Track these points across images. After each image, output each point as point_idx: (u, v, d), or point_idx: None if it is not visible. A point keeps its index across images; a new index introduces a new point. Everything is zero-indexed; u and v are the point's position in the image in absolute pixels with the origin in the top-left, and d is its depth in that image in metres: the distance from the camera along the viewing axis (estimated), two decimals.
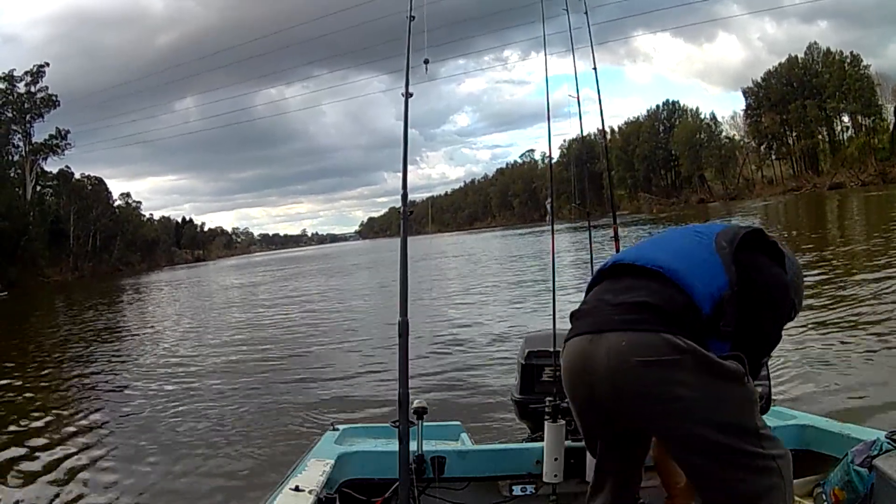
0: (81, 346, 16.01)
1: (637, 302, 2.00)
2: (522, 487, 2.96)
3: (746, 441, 1.93)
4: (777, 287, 2.08)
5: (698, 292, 1.97)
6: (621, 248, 3.02)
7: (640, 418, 2.02)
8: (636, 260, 2.11)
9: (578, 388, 2.10)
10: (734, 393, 1.95)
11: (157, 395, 9.41)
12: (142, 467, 6.38)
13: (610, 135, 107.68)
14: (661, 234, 2.38)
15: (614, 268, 2.19)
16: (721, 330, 1.98)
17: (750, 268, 2.04)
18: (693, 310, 1.95)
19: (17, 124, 70.18)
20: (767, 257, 2.11)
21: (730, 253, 2.04)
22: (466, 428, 3.57)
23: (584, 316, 2.13)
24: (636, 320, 1.96)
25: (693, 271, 2.01)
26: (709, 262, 2.03)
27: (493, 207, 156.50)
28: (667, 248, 2.15)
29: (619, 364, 1.94)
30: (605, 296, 2.12)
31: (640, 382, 1.93)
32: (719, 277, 1.99)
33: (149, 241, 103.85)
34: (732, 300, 1.98)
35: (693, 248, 2.09)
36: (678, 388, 1.90)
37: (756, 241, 2.11)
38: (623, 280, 2.12)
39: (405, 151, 2.88)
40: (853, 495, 2.41)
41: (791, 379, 6.41)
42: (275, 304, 22.83)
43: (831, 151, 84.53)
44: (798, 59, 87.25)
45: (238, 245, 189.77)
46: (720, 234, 2.11)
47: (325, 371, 9.95)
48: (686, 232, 2.22)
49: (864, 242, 19.57)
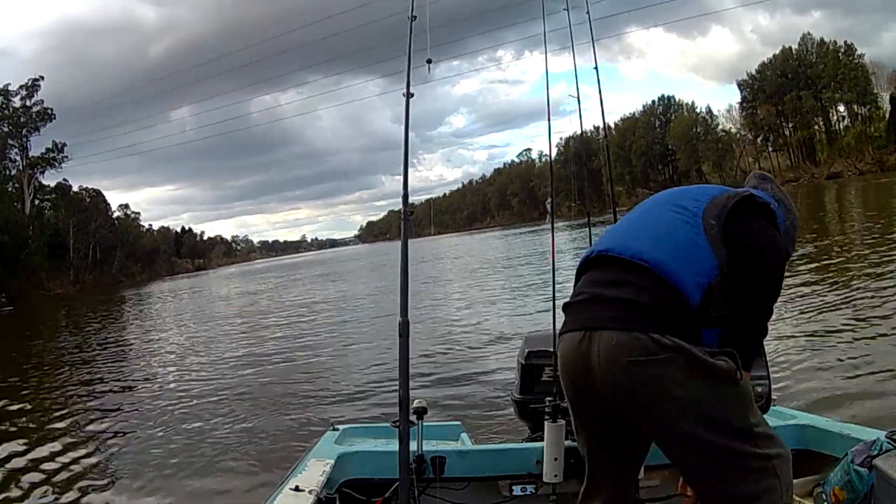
0: (87, 352, 16.22)
1: (625, 300, 1.97)
2: (522, 487, 2.96)
3: (741, 441, 1.92)
4: (771, 253, 2.02)
5: (686, 284, 1.93)
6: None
7: (634, 416, 2.01)
8: (622, 252, 2.06)
9: (574, 385, 2.10)
10: (726, 391, 1.93)
11: (159, 398, 9.51)
12: (142, 467, 6.43)
13: (607, 132, 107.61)
14: (644, 210, 2.25)
15: (601, 258, 2.14)
16: (711, 316, 1.94)
17: (740, 234, 1.99)
18: (682, 304, 1.92)
19: (13, 138, 70.11)
20: (759, 219, 2.07)
21: (719, 231, 1.99)
22: (466, 428, 3.57)
23: (576, 311, 2.12)
24: (625, 318, 1.94)
25: (679, 261, 1.96)
26: (696, 246, 1.98)
27: (491, 207, 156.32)
28: (650, 234, 2.07)
29: (610, 363, 1.94)
30: (595, 289, 2.09)
31: (632, 381, 1.92)
32: (707, 262, 1.95)
33: (149, 251, 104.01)
34: (723, 283, 1.94)
35: (678, 232, 2.03)
36: (669, 387, 1.89)
37: (747, 207, 2.07)
38: (610, 270, 2.08)
39: (406, 152, 2.86)
40: (853, 495, 2.40)
41: (791, 379, 6.39)
42: (276, 309, 22.85)
43: (828, 141, 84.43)
44: (792, 51, 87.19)
45: (238, 253, 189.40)
46: (708, 209, 2.04)
47: (326, 372, 9.99)
48: (670, 206, 2.12)
49: (863, 232, 19.52)
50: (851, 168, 74.47)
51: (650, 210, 2.22)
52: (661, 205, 2.19)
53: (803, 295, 10.70)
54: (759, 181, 2.35)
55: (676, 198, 2.16)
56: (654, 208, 2.21)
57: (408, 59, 2.99)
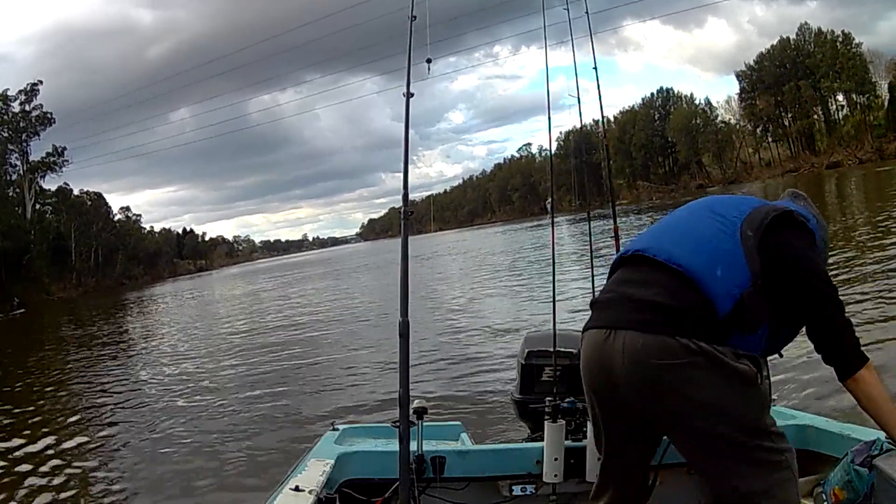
0: (91, 356, 16.29)
1: (654, 302, 1.99)
2: (522, 487, 2.96)
3: (760, 438, 1.97)
4: (808, 267, 2.05)
5: (717, 293, 1.95)
6: (621, 245, 3.03)
7: (654, 416, 2.04)
8: (657, 254, 2.08)
9: (596, 382, 2.12)
10: (745, 393, 1.97)
11: (159, 398, 9.57)
12: (142, 467, 6.48)
13: (606, 125, 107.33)
14: (682, 214, 2.27)
15: (635, 257, 2.16)
16: (747, 323, 1.96)
17: (778, 245, 2.02)
18: (710, 311, 1.94)
19: (13, 143, 70.07)
20: (798, 233, 2.09)
21: (755, 242, 2.00)
22: (466, 428, 3.57)
23: (604, 308, 2.13)
24: (652, 321, 1.97)
25: (713, 269, 1.98)
26: (730, 255, 1.99)
27: (492, 203, 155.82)
28: (687, 239, 2.09)
29: (635, 364, 1.97)
30: (624, 288, 2.12)
31: (656, 383, 1.96)
32: (741, 274, 1.96)
33: (151, 253, 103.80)
34: (754, 295, 1.95)
35: (714, 239, 2.04)
36: (691, 389, 1.93)
37: (786, 222, 2.08)
38: (643, 270, 2.11)
39: (406, 152, 2.87)
40: (853, 495, 2.38)
41: (791, 379, 6.38)
42: (277, 308, 22.88)
43: (827, 131, 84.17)
44: (790, 41, 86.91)
45: (240, 253, 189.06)
46: (746, 220, 2.05)
47: (326, 372, 10.01)
48: (708, 213, 2.14)
49: (865, 224, 19.46)
50: (851, 157, 74.21)
51: (690, 215, 2.24)
52: (702, 210, 2.20)
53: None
54: (794, 198, 2.35)
55: (717, 205, 2.18)
56: (695, 213, 2.22)
57: (408, 59, 2.99)
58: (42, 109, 71.66)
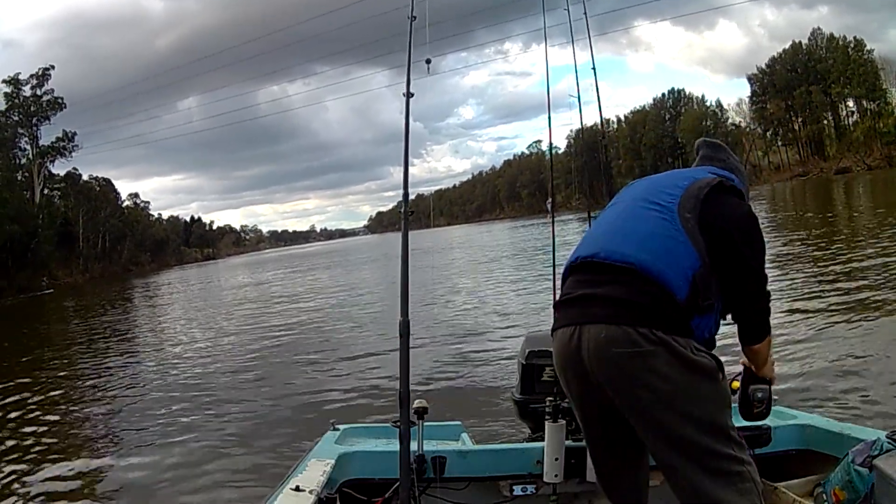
0: (94, 347, 16.28)
1: (614, 297, 2.03)
2: (523, 487, 2.97)
3: (719, 441, 1.99)
4: (746, 219, 2.15)
5: (672, 280, 2.00)
6: None
7: (625, 407, 2.05)
8: (607, 257, 2.11)
9: (568, 379, 2.17)
10: (706, 388, 2.00)
11: (160, 396, 9.50)
12: (142, 466, 6.45)
13: (616, 124, 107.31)
14: (621, 210, 2.28)
15: (586, 263, 2.18)
16: (700, 305, 2.01)
17: (717, 218, 2.08)
18: (669, 299, 1.99)
19: (23, 127, 70.09)
20: (731, 198, 2.18)
21: (695, 223, 2.06)
22: (467, 428, 3.56)
23: (567, 307, 2.17)
24: (614, 315, 2.01)
25: (662, 258, 2.02)
26: (675, 242, 2.04)
27: (501, 199, 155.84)
28: (632, 236, 2.12)
29: (599, 355, 2.01)
30: (584, 288, 2.14)
31: (622, 371, 1.99)
32: (689, 256, 2.02)
33: (158, 240, 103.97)
34: (705, 273, 2.01)
35: (658, 230, 2.09)
36: (652, 378, 1.96)
37: (717, 193, 2.15)
38: (597, 272, 2.13)
39: (406, 151, 2.88)
40: (854, 495, 2.41)
41: (791, 379, 6.36)
42: (281, 301, 22.83)
43: (837, 136, 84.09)
44: (802, 45, 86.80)
45: (247, 242, 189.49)
46: (682, 203, 2.10)
47: (327, 371, 9.95)
48: (645, 204, 2.18)
49: (869, 228, 19.44)
50: (860, 163, 74.08)
51: (627, 209, 2.26)
52: (637, 202, 2.23)
53: (804, 294, 10.69)
54: (713, 150, 2.43)
55: (650, 193, 2.22)
56: (631, 207, 2.25)
57: (408, 59, 3.00)
58: (53, 94, 71.73)
